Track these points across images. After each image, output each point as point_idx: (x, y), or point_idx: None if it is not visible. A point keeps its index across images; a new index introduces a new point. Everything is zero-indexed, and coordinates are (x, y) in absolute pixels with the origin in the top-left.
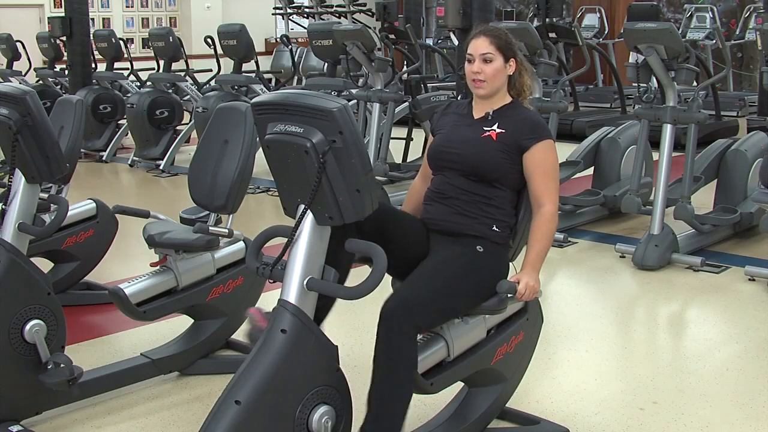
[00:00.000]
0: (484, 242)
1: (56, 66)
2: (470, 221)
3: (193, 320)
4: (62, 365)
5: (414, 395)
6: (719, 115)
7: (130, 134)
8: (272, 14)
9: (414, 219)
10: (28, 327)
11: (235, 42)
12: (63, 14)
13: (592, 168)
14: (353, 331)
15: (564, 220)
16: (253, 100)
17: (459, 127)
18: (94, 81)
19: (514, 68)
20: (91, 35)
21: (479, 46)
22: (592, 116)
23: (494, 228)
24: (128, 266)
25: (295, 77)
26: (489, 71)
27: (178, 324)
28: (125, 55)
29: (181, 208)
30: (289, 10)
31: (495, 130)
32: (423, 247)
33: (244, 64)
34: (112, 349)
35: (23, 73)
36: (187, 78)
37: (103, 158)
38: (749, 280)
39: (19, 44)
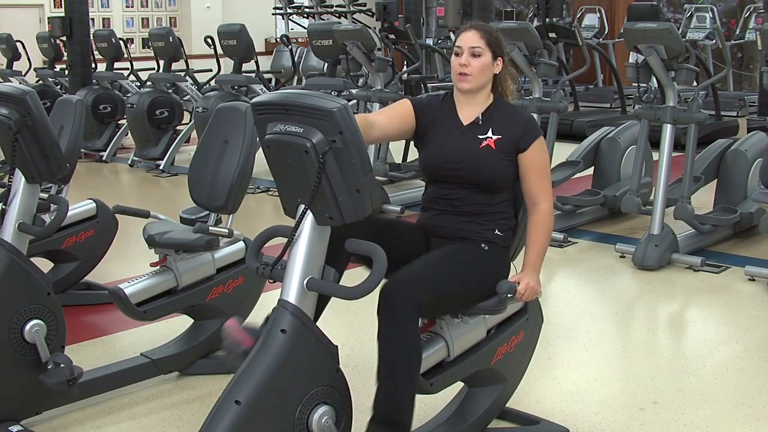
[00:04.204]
0: (488, 244)
1: (56, 66)
2: (474, 226)
3: (193, 320)
4: (62, 365)
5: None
6: (719, 115)
7: (130, 134)
8: (272, 14)
9: (411, 224)
10: (28, 327)
11: (235, 42)
12: (63, 14)
13: (592, 168)
14: (353, 331)
15: (564, 220)
16: (253, 100)
17: (451, 137)
18: (94, 81)
19: (500, 68)
20: (91, 35)
21: (468, 39)
22: (592, 116)
23: (497, 232)
24: (128, 266)
25: (295, 77)
26: (476, 65)
27: (178, 324)
28: (125, 55)
29: (181, 208)
30: (289, 10)
31: (491, 138)
32: (421, 251)
33: (244, 64)
34: (112, 349)
35: (23, 73)
36: (187, 78)
37: (103, 158)
38: (749, 280)
39: (19, 44)
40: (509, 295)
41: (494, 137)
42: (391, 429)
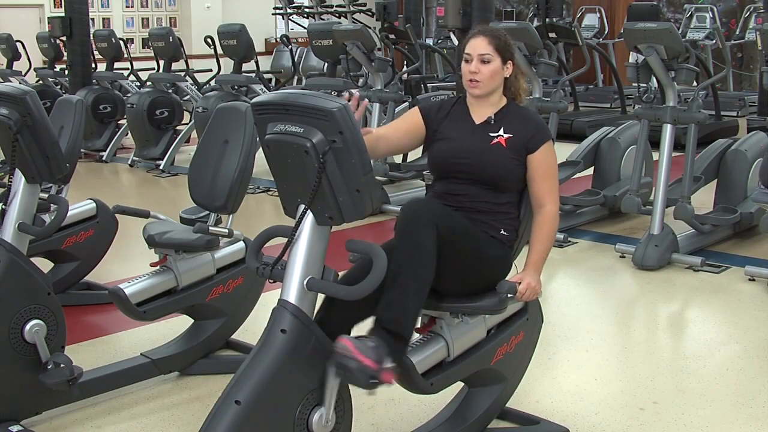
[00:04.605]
0: (492, 240)
1: (56, 66)
2: (481, 225)
3: (193, 320)
4: (62, 365)
5: (414, 395)
6: (719, 115)
7: (130, 134)
8: (272, 14)
9: None
10: (28, 327)
11: (235, 42)
12: (63, 14)
13: (592, 168)
14: (353, 331)
15: (564, 220)
16: (253, 100)
17: (463, 135)
18: (94, 81)
19: (511, 71)
20: (91, 35)
21: (478, 46)
22: (592, 116)
23: (502, 231)
24: (128, 266)
25: (295, 77)
26: (486, 72)
27: (178, 324)
28: (125, 55)
29: (181, 208)
30: (289, 10)
31: (503, 136)
32: None
33: (244, 64)
34: (112, 349)
35: (23, 73)
36: (187, 78)
37: (103, 158)
38: (749, 280)
39: (19, 44)
40: (509, 295)
41: (505, 135)
42: (392, 338)
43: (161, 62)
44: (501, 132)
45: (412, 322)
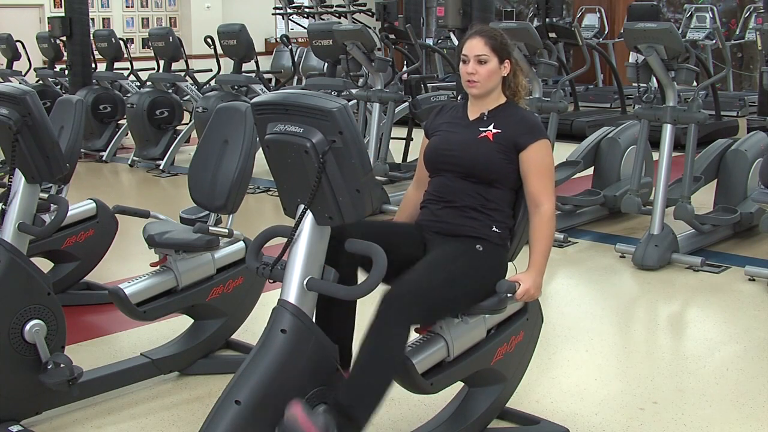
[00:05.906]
0: (483, 242)
1: (56, 66)
2: (470, 222)
3: (193, 320)
4: (62, 365)
5: (414, 395)
6: (719, 115)
7: (130, 134)
8: (272, 14)
9: (407, 224)
10: (28, 327)
11: (235, 42)
12: (63, 14)
13: (592, 168)
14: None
15: (564, 220)
16: (253, 100)
17: (455, 129)
18: (94, 81)
19: (508, 69)
20: (91, 35)
21: (474, 47)
22: (592, 116)
23: (494, 229)
24: (128, 266)
25: (295, 77)
26: (483, 72)
27: (178, 324)
28: (125, 55)
29: (181, 208)
30: (289, 10)
31: (491, 131)
32: (419, 251)
33: (244, 64)
34: (112, 349)
35: (23, 73)
36: (187, 78)
37: (103, 158)
38: (749, 280)
39: (19, 44)
40: (509, 295)
41: (494, 130)
42: (344, 421)
43: (161, 62)
44: (491, 127)
45: (368, 411)
